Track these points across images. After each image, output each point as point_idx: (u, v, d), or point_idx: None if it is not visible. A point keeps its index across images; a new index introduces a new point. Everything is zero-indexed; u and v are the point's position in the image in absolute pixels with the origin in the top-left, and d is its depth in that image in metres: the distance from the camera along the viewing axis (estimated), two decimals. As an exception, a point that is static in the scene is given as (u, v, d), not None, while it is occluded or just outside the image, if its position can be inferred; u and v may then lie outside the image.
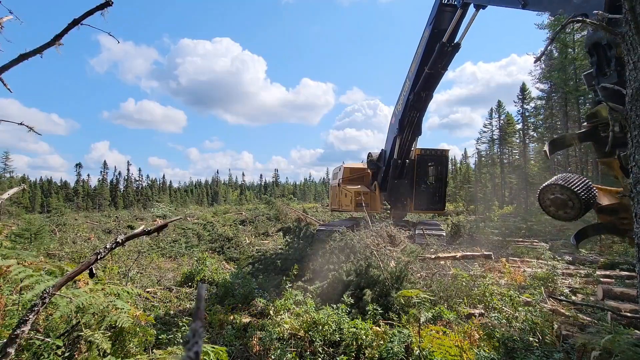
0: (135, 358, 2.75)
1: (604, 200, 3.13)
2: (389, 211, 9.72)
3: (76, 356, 2.82)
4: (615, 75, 2.99)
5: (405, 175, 11.98)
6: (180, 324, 4.42)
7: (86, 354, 2.80)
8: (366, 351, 3.70)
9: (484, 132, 42.21)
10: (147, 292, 6.11)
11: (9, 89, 3.55)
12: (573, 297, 5.99)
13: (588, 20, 2.89)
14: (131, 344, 3.24)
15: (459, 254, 8.52)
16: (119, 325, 2.88)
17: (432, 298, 4.86)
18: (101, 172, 74.06)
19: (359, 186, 13.23)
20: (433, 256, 7.89)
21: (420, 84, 9.28)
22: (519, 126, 36.56)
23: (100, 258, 2.86)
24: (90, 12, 3.46)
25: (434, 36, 8.56)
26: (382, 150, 12.60)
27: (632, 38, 2.78)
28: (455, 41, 8.28)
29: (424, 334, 3.53)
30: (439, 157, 12.64)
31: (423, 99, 9.81)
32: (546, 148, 3.37)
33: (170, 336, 3.96)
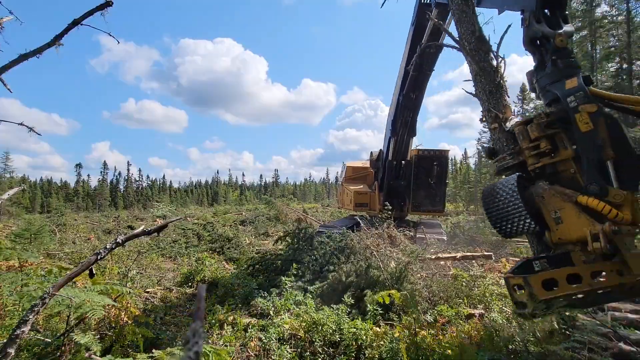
0: (135, 358, 2.75)
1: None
2: (389, 211, 9.71)
3: (69, 357, 2.82)
4: (550, 65, 2.91)
5: (403, 176, 11.93)
6: (180, 324, 4.43)
7: (76, 355, 2.79)
8: (366, 351, 3.70)
9: (484, 132, 42.24)
10: (147, 292, 6.11)
11: (9, 89, 3.56)
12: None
13: (444, 44, 3.04)
14: (131, 343, 3.25)
15: (459, 255, 8.53)
16: (90, 317, 2.85)
17: (421, 296, 4.86)
18: (101, 172, 74.11)
19: (361, 186, 13.22)
20: (433, 257, 7.89)
21: (408, 85, 9.19)
22: (518, 126, 36.57)
23: (100, 258, 2.86)
24: (90, 13, 3.47)
25: (417, 36, 8.40)
26: (380, 150, 12.60)
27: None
28: (438, 41, 7.97)
29: (420, 334, 3.53)
30: (438, 158, 12.54)
31: (413, 100, 9.69)
32: None
33: (170, 336, 3.96)
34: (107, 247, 2.94)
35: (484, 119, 3.74)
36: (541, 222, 2.71)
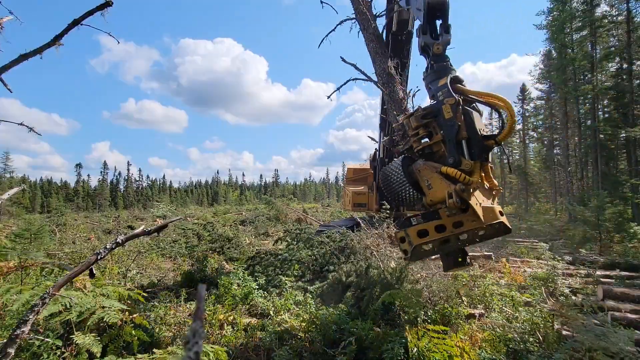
0: (135, 358, 2.75)
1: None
2: (388, 211, 9.67)
3: (70, 358, 2.82)
4: (430, 68, 3.69)
5: None
6: (181, 324, 4.42)
7: (78, 357, 2.79)
8: (367, 351, 3.70)
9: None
10: (147, 292, 6.10)
11: (9, 89, 3.56)
12: (573, 297, 5.99)
13: None
14: (131, 344, 3.24)
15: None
16: (107, 322, 2.88)
17: (424, 297, 4.87)
18: (101, 172, 74.13)
19: (361, 187, 13.24)
20: (433, 257, 7.88)
21: None
22: (519, 126, 36.58)
23: (101, 258, 2.87)
24: (90, 13, 3.46)
25: (389, 27, 8.13)
26: (375, 149, 12.61)
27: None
28: (407, 29, 7.76)
29: (422, 334, 3.53)
30: None
31: None
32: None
33: (170, 336, 3.96)
34: (107, 247, 2.94)
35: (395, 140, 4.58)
36: (420, 190, 3.48)
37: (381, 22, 6.69)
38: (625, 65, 19.45)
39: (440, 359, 3.27)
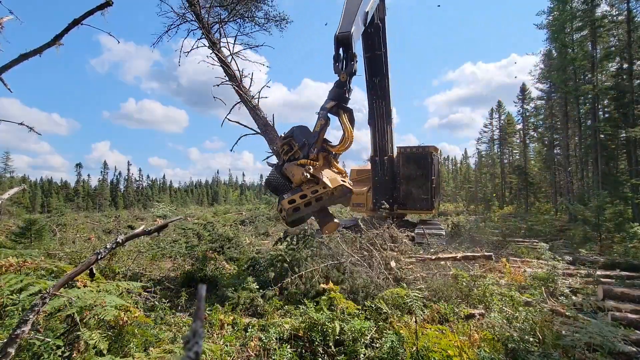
0: (135, 357, 2.75)
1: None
2: (387, 210, 9.65)
3: (74, 356, 2.81)
4: (332, 90, 5.24)
5: (387, 174, 11.84)
6: (181, 324, 4.42)
7: (84, 354, 2.79)
8: (366, 351, 3.70)
9: (485, 132, 42.27)
10: (147, 292, 6.10)
11: (9, 89, 3.56)
12: (573, 297, 5.99)
13: None
14: (131, 343, 3.24)
15: (459, 255, 8.52)
16: (103, 318, 2.87)
17: (422, 296, 4.87)
18: (101, 172, 74.03)
19: (364, 188, 13.29)
20: (433, 257, 7.88)
21: (367, 68, 9.18)
22: (519, 126, 36.62)
23: (101, 258, 2.87)
24: (90, 12, 3.46)
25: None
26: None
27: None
28: (374, 22, 7.99)
29: (421, 334, 3.53)
30: (422, 155, 12.31)
31: (378, 86, 9.58)
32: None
33: (170, 336, 3.96)
34: (108, 246, 2.94)
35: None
36: (289, 180, 5.01)
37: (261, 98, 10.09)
38: (625, 65, 19.43)
39: (439, 358, 3.27)
